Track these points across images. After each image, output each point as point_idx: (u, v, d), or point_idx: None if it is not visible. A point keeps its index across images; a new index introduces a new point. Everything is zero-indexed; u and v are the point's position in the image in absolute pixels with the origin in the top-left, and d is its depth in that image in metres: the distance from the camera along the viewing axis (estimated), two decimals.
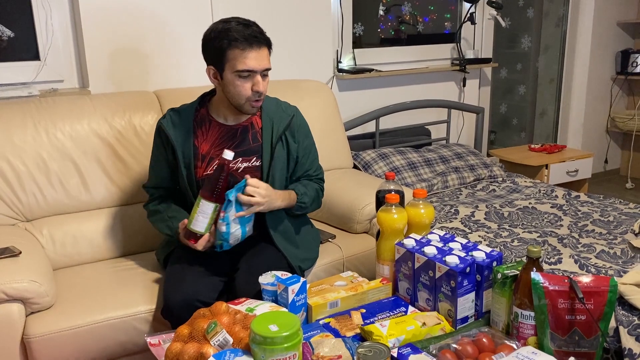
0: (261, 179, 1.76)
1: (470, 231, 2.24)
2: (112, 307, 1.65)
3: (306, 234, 1.92)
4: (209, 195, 1.61)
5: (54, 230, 1.96)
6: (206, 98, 1.83)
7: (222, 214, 1.63)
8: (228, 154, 1.60)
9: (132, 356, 1.70)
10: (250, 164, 1.77)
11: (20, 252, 1.63)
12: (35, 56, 2.29)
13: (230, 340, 1.22)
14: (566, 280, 1.28)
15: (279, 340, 1.14)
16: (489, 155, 3.67)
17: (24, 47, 2.29)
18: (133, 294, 1.72)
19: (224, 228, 1.64)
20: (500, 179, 3.00)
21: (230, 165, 1.73)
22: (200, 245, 1.63)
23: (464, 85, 3.51)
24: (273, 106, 1.84)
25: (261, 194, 1.65)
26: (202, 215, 1.61)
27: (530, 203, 2.58)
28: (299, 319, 1.44)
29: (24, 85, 2.26)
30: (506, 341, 1.33)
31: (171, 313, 1.56)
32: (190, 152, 1.74)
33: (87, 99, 2.14)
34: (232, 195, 1.62)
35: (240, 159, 1.76)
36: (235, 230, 1.66)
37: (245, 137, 1.78)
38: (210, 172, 1.74)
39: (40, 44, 2.28)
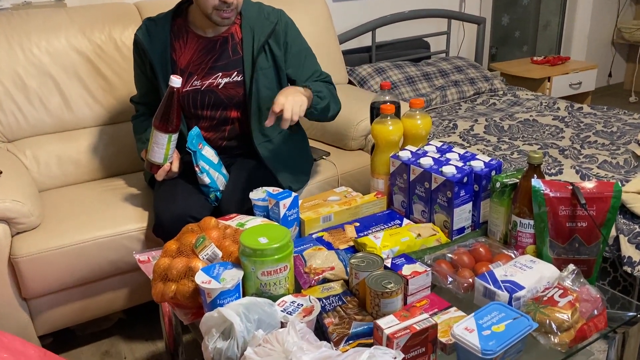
0: (244, 95, 1.66)
1: (468, 145, 2.18)
2: (100, 226, 1.61)
3: (298, 153, 1.84)
4: (160, 125, 1.53)
5: (37, 151, 1.89)
6: (183, 6, 1.70)
7: (196, 168, 1.58)
8: (175, 81, 1.49)
9: (125, 275, 1.69)
10: (230, 79, 1.66)
11: (1, 172, 1.57)
12: None
13: (219, 254, 1.19)
14: (568, 187, 1.23)
15: (269, 252, 1.10)
16: (489, 69, 3.54)
17: None
18: (122, 213, 1.68)
19: (206, 179, 1.59)
20: (501, 92, 2.90)
21: (211, 81, 1.64)
22: (159, 175, 1.58)
23: None
24: (254, 13, 1.69)
25: (280, 101, 1.47)
26: (157, 146, 1.54)
27: (531, 116, 2.49)
28: (291, 234, 1.40)
29: None
30: (504, 250, 1.29)
31: (163, 230, 1.53)
32: (167, 67, 1.63)
33: (63, 11, 2.00)
34: (193, 146, 1.55)
35: (220, 74, 1.65)
36: (218, 177, 1.62)
37: (224, 49, 1.66)
38: (190, 89, 1.65)
39: None
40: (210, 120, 1.69)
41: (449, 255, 1.27)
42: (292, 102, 1.47)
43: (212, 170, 1.60)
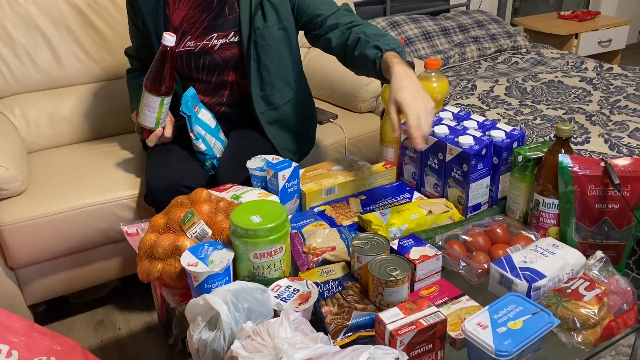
0: (241, 57, 1.51)
1: (488, 108, 2.03)
2: (89, 193, 1.52)
3: (304, 120, 1.69)
4: (152, 87, 1.39)
5: (26, 109, 1.78)
6: None
7: (191, 134, 1.45)
8: (168, 39, 1.35)
9: (118, 243, 1.60)
10: (227, 40, 1.51)
11: None
12: None
13: (209, 232, 1.08)
14: (600, 164, 1.09)
15: (262, 232, 1.00)
16: (512, 24, 3.33)
17: None
18: (113, 178, 1.58)
19: (202, 146, 1.47)
20: (524, 50, 2.71)
21: (205, 42, 1.49)
22: (150, 141, 1.46)
23: None
24: None
25: (413, 118, 1.12)
26: (149, 109, 1.41)
27: (556, 76, 2.32)
28: (290, 207, 1.30)
29: None
30: (523, 231, 1.17)
31: (154, 199, 1.42)
32: (160, 23, 1.49)
33: None
34: (188, 109, 1.42)
35: (216, 34, 1.50)
36: (215, 143, 1.49)
37: (222, 8, 1.50)
38: (184, 50, 1.50)
39: None
40: (206, 83, 1.55)
41: (463, 236, 1.16)
42: (425, 113, 1.12)
43: (208, 135, 1.48)
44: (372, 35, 1.35)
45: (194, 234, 1.07)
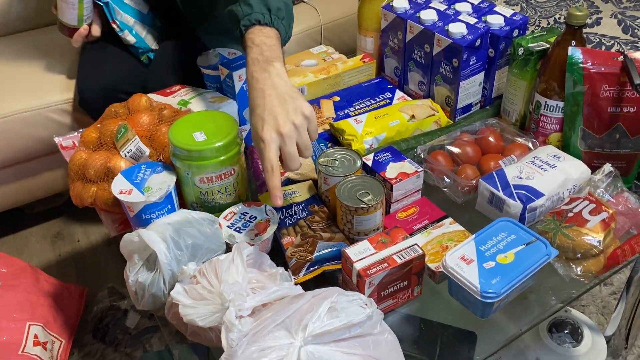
0: None
1: None
2: (21, 97, 1.31)
3: None
4: None
5: None
6: None
7: (113, 25, 1.20)
8: None
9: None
10: None
11: None
12: None
13: (146, 151, 0.91)
14: (619, 59, 0.90)
15: (208, 153, 0.83)
16: None
17: None
18: (49, 79, 1.36)
19: (130, 39, 1.23)
20: None
21: None
22: (75, 41, 1.22)
23: None
24: None
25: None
26: (66, 3, 1.16)
27: None
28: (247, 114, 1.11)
29: None
30: (519, 139, 1.01)
31: (90, 108, 1.22)
32: None
33: None
34: None
35: None
36: (147, 34, 1.25)
37: None
38: None
39: None
40: None
41: (449, 147, 0.99)
42: (288, 140, 0.77)
43: (138, 25, 1.23)
44: None
45: (128, 153, 0.90)
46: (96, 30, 1.22)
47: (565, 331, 1.21)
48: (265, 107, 0.78)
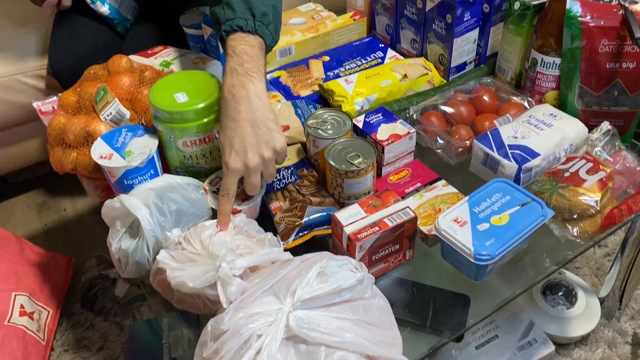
0: None
1: None
2: None
3: None
4: None
5: None
6: None
7: None
8: None
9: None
10: None
11: None
12: None
13: (126, 114, 0.87)
14: (619, 12, 0.86)
15: (190, 115, 0.79)
16: None
17: None
18: (24, 42, 1.30)
19: (103, 9, 1.15)
20: None
21: None
22: (45, 10, 1.12)
23: None
24: None
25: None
26: None
27: None
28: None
29: None
30: (514, 97, 0.98)
31: (64, 81, 1.16)
32: None
33: None
34: None
35: None
36: (120, 3, 1.17)
37: None
38: None
39: None
40: None
41: (442, 106, 0.96)
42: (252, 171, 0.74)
43: None
44: None
45: (108, 116, 0.86)
46: (67, 0, 1.14)
47: (560, 293, 1.20)
48: (236, 133, 0.72)
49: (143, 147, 0.81)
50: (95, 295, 1.26)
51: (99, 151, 0.81)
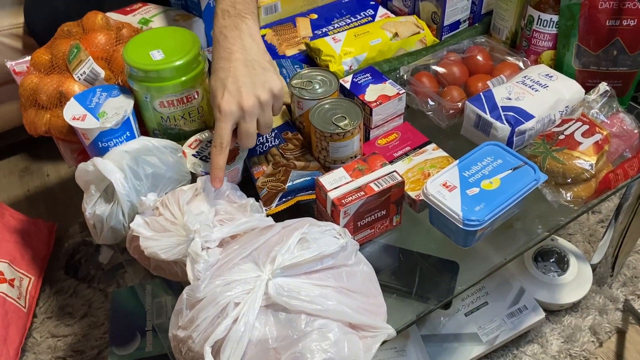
0: None
1: None
2: None
3: None
4: None
5: None
6: None
7: None
8: None
9: None
10: None
11: None
12: None
13: (101, 73, 0.82)
14: None
15: (166, 73, 0.75)
16: None
17: None
18: None
19: None
20: None
21: None
22: None
23: None
24: None
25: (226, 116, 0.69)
26: None
27: None
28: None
29: None
30: (509, 58, 0.93)
31: (40, 39, 1.10)
32: None
33: None
34: None
35: None
36: None
37: None
38: None
39: None
40: None
41: (434, 66, 0.92)
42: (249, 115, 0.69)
43: None
44: None
45: (81, 75, 0.82)
46: None
47: (551, 260, 1.18)
48: (229, 73, 0.67)
49: (118, 108, 0.77)
50: (79, 261, 1.24)
51: (72, 112, 0.77)
